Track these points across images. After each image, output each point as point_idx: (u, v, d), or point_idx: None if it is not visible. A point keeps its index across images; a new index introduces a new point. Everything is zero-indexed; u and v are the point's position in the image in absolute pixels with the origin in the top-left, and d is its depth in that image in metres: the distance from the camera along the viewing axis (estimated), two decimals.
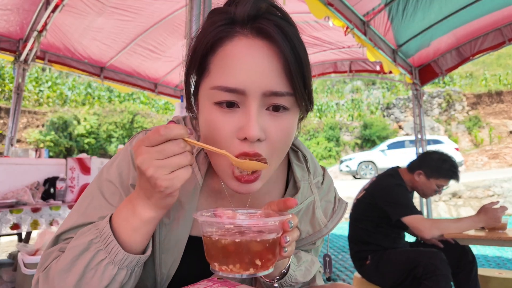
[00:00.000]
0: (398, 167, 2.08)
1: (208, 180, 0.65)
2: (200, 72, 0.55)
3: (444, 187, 1.95)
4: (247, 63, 0.49)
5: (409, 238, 2.14)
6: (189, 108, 0.61)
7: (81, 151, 12.18)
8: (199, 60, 0.54)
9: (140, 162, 0.46)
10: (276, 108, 0.52)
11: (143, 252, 0.53)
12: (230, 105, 0.51)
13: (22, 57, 3.60)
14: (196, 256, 0.61)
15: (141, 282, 0.60)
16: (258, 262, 0.48)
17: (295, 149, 0.70)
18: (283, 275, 0.60)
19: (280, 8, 0.54)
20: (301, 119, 0.61)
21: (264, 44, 0.50)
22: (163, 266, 0.59)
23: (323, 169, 0.74)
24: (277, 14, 0.53)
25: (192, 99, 0.60)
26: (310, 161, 0.70)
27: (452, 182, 1.92)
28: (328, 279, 0.72)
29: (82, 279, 0.49)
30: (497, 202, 1.74)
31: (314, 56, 4.42)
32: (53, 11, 2.85)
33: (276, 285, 0.60)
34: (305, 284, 0.66)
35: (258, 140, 0.51)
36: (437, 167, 1.92)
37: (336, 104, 19.74)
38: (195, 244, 0.61)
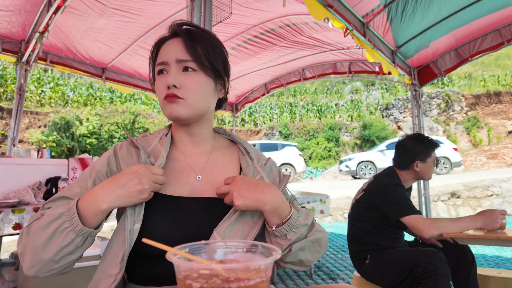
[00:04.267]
0: (393, 167, 2.10)
1: (171, 153, 0.90)
2: (153, 66, 0.88)
3: (437, 159, 2.08)
4: (168, 48, 0.84)
5: (407, 237, 2.16)
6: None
7: (83, 151, 12.20)
8: (152, 60, 0.87)
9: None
10: (186, 69, 0.83)
11: (97, 227, 0.75)
12: (161, 72, 0.84)
13: (24, 58, 3.61)
14: (160, 212, 0.79)
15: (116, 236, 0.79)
16: None
17: (239, 146, 0.96)
18: (287, 220, 0.79)
19: (194, 25, 0.91)
20: (221, 89, 0.91)
21: (177, 39, 0.85)
22: (129, 219, 0.76)
23: (268, 158, 0.99)
24: (192, 28, 0.88)
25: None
26: (252, 152, 0.94)
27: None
28: None
29: (51, 237, 0.70)
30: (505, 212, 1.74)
31: (314, 57, 4.44)
32: (55, 12, 2.86)
33: (274, 228, 0.79)
34: (306, 225, 0.82)
35: (175, 87, 0.81)
36: (423, 148, 2.02)
37: (336, 104, 19.76)
38: (157, 200, 0.79)
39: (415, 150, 2.02)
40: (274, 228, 0.79)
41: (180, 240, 0.67)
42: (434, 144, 2.04)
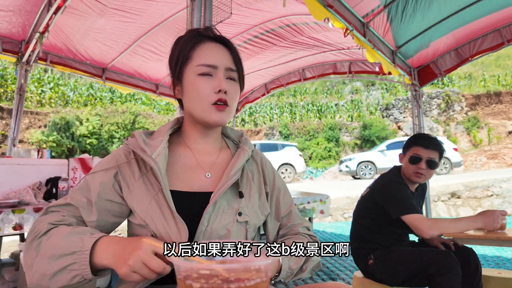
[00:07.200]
0: (401, 166, 2.10)
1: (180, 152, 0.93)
2: (184, 62, 0.87)
3: (425, 158, 1.90)
4: (215, 52, 0.88)
5: (412, 238, 2.14)
6: (177, 95, 0.94)
7: (83, 151, 12.19)
8: (182, 55, 0.87)
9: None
10: (230, 78, 0.89)
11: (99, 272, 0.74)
12: (207, 74, 0.85)
13: (24, 59, 3.62)
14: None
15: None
16: None
17: (227, 135, 1.03)
18: (277, 276, 0.81)
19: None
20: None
21: (221, 45, 0.90)
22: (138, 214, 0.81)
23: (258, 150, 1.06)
24: (219, 33, 0.93)
25: (175, 88, 0.93)
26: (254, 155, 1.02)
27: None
28: None
29: (60, 271, 0.71)
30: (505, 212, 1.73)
31: (314, 58, 4.44)
32: (55, 12, 2.86)
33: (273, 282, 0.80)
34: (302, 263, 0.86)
35: (225, 92, 0.86)
36: (407, 140, 2.03)
37: (336, 104, 19.76)
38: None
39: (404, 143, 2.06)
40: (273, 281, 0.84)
41: (190, 235, 0.78)
42: (415, 139, 1.97)
